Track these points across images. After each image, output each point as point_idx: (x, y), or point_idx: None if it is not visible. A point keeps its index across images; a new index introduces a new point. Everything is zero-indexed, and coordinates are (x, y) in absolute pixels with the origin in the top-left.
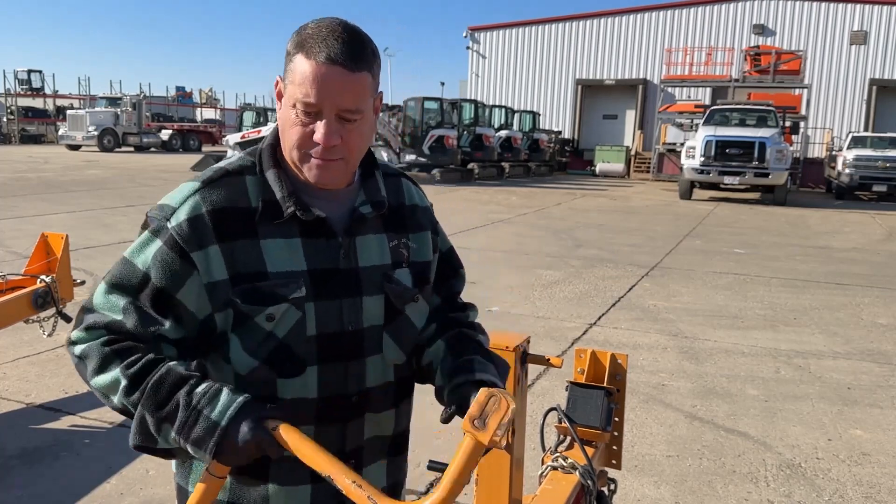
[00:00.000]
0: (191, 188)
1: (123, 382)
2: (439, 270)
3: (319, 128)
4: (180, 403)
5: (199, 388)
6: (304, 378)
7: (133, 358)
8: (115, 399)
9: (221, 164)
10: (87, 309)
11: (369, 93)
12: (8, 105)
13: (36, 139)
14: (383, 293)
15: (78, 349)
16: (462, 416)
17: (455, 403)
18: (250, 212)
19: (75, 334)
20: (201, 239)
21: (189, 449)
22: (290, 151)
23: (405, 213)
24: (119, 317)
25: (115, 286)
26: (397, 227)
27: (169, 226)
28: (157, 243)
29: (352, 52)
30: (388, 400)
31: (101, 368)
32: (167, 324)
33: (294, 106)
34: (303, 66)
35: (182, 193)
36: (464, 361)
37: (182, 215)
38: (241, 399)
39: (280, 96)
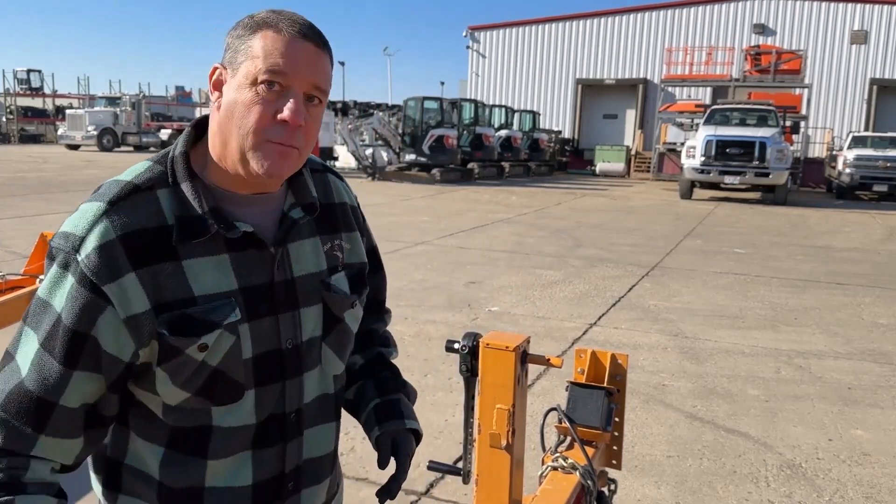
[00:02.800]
0: (96, 211)
1: None
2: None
3: (287, 106)
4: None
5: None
6: (241, 404)
7: (14, 462)
8: None
9: (126, 176)
10: (7, 355)
11: (331, 79)
12: (7, 105)
13: (35, 139)
14: (321, 302)
15: None
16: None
17: (390, 448)
18: (165, 231)
19: None
20: (114, 270)
21: None
22: (242, 139)
23: (336, 211)
24: (30, 386)
25: (35, 331)
26: (329, 228)
27: (79, 259)
28: (69, 280)
29: (319, 32)
30: (328, 412)
31: None
32: (83, 386)
33: (254, 83)
34: (270, 40)
35: (87, 219)
36: (390, 402)
37: (90, 244)
38: None
39: (219, 84)
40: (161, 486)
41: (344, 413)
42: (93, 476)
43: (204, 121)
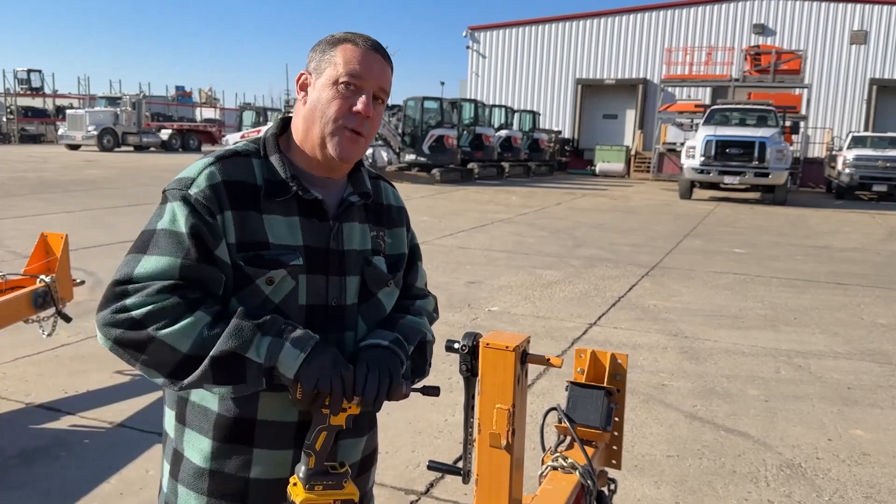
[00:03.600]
0: (206, 162)
1: (208, 319)
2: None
3: (360, 101)
4: (279, 321)
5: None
6: None
7: (211, 303)
8: (191, 340)
9: (231, 146)
10: (125, 281)
11: (391, 85)
12: (7, 105)
13: (35, 139)
14: (360, 275)
15: (138, 312)
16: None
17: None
18: (256, 188)
19: (132, 301)
20: (220, 203)
21: (283, 354)
22: (323, 126)
23: (383, 210)
24: (174, 279)
25: (159, 255)
26: (377, 221)
27: (191, 192)
28: (184, 209)
29: (385, 49)
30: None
31: (176, 318)
32: (217, 275)
33: (335, 83)
34: (350, 52)
35: (198, 167)
36: (376, 331)
37: (202, 183)
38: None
39: (305, 86)
40: (218, 416)
41: None
42: (166, 410)
43: (289, 118)
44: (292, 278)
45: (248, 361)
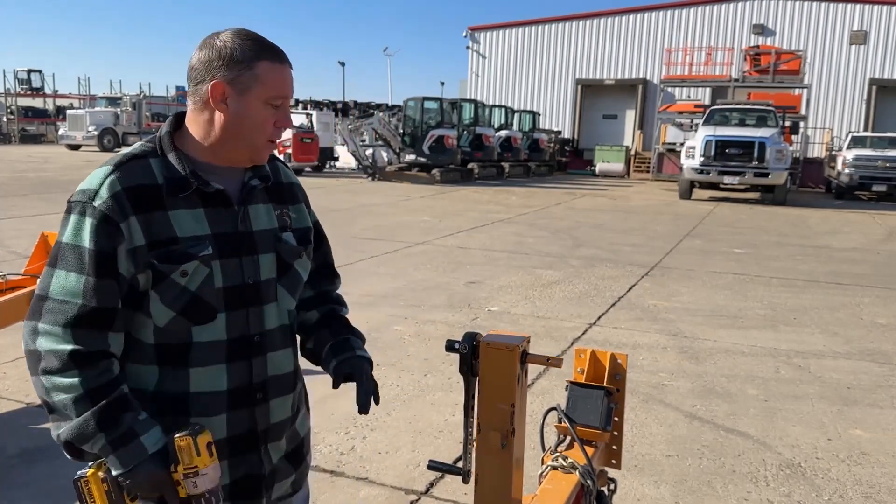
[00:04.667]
0: (105, 172)
1: (81, 392)
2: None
3: (285, 116)
4: (124, 423)
5: (141, 417)
6: (214, 324)
7: (96, 373)
8: (61, 398)
9: (126, 150)
10: (43, 297)
11: None
12: (8, 105)
13: (36, 139)
14: (275, 251)
15: (43, 345)
16: (352, 381)
17: (345, 373)
18: (157, 188)
19: (42, 327)
20: (123, 210)
21: (111, 461)
22: (252, 141)
23: (284, 188)
24: (80, 300)
25: (66, 270)
26: (279, 199)
27: (95, 204)
28: (89, 221)
29: (286, 54)
30: (285, 339)
31: (63, 371)
32: (115, 289)
33: (268, 103)
34: (272, 71)
35: (98, 177)
36: (343, 340)
37: (104, 194)
38: (166, 439)
39: (224, 98)
40: (155, 396)
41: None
42: None
43: (182, 114)
44: (205, 266)
45: (84, 452)
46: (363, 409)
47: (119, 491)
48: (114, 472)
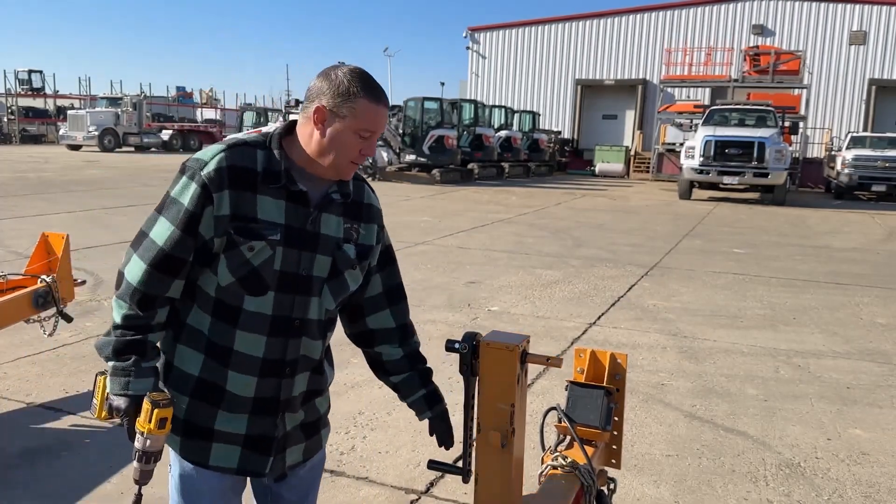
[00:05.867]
0: (218, 149)
1: (122, 322)
2: (381, 259)
3: (370, 147)
4: (129, 361)
5: (144, 364)
6: (264, 298)
7: (141, 315)
8: (113, 316)
9: (241, 135)
10: (144, 234)
11: None
12: (8, 105)
13: (36, 139)
14: (332, 256)
15: (127, 274)
16: (440, 442)
17: (443, 426)
18: (255, 173)
19: (135, 256)
20: (221, 184)
21: (109, 378)
22: (339, 159)
23: (361, 207)
24: (164, 245)
25: (165, 218)
26: (353, 216)
27: (202, 172)
28: (192, 186)
29: (386, 96)
30: (318, 331)
31: (123, 300)
32: (191, 245)
33: (357, 133)
34: (368, 109)
35: (212, 152)
36: (434, 392)
37: (211, 166)
38: (144, 392)
39: (323, 120)
40: (207, 341)
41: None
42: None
43: (295, 121)
44: (270, 248)
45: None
46: (447, 443)
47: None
48: (107, 388)
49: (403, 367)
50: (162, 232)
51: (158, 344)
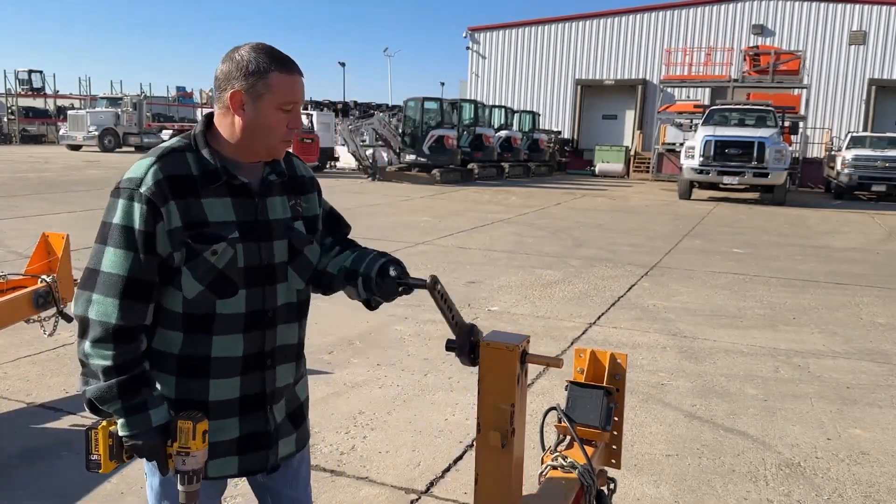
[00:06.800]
0: (148, 162)
1: (113, 363)
2: (329, 222)
3: (295, 119)
4: (140, 395)
5: (155, 393)
6: (236, 298)
7: (129, 349)
8: (96, 363)
9: (165, 144)
10: (95, 271)
11: None
12: (9, 105)
13: (36, 139)
14: (287, 238)
15: (94, 314)
16: (395, 276)
17: (386, 275)
18: (193, 178)
19: (96, 297)
20: (165, 196)
21: (120, 424)
22: (268, 141)
23: (297, 181)
24: (128, 274)
25: (115, 247)
26: (293, 191)
27: (141, 190)
28: (136, 205)
29: (298, 64)
30: (292, 315)
31: (104, 342)
32: (155, 265)
33: (279, 108)
34: (283, 80)
35: (143, 167)
36: (372, 257)
37: (149, 181)
38: (169, 417)
39: (242, 104)
40: (179, 358)
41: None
42: None
43: (212, 114)
44: (231, 248)
45: (101, 410)
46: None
47: (120, 448)
48: (120, 433)
49: (347, 252)
50: (117, 261)
51: None
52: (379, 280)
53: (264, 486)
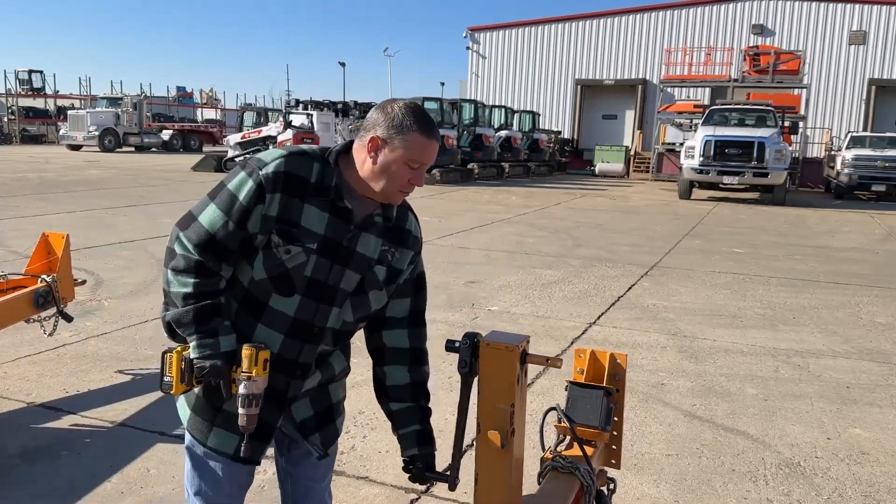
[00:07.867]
0: (279, 153)
1: (192, 290)
2: (413, 284)
3: (418, 177)
4: (212, 323)
5: (226, 323)
6: (290, 299)
7: (208, 281)
8: (177, 290)
9: (304, 147)
10: (194, 216)
11: None
12: (9, 105)
13: (37, 139)
14: (361, 274)
15: (179, 249)
16: (422, 473)
17: (423, 469)
18: (307, 183)
19: (185, 235)
20: (275, 186)
21: (192, 346)
22: (389, 186)
23: (402, 233)
24: (215, 233)
25: (216, 207)
26: (392, 240)
27: (260, 172)
28: (250, 183)
29: (437, 130)
30: (333, 340)
31: (186, 272)
32: (240, 237)
33: (407, 163)
34: (420, 142)
35: (273, 155)
36: (428, 432)
37: (270, 168)
38: (236, 346)
39: (376, 148)
40: (233, 325)
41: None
42: None
43: (351, 144)
44: (305, 255)
45: (177, 334)
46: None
47: (190, 371)
48: (191, 356)
49: (406, 395)
50: (212, 218)
51: None
52: (407, 460)
53: (286, 470)
